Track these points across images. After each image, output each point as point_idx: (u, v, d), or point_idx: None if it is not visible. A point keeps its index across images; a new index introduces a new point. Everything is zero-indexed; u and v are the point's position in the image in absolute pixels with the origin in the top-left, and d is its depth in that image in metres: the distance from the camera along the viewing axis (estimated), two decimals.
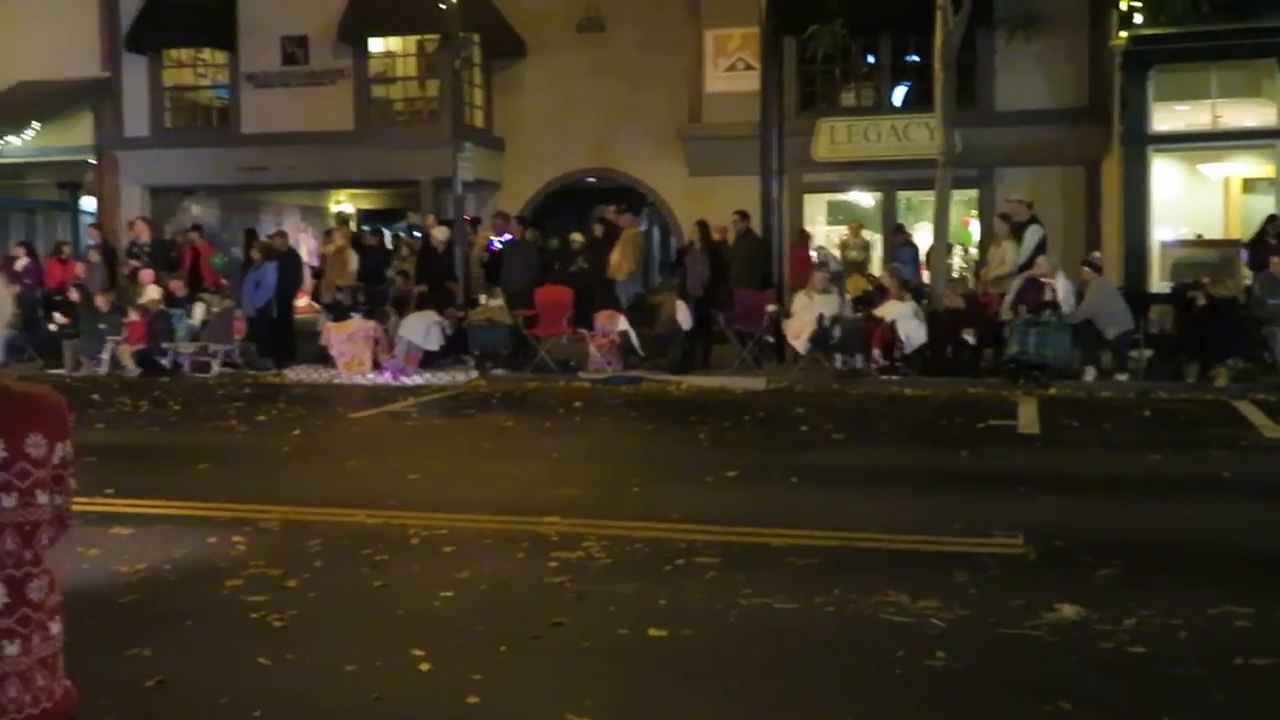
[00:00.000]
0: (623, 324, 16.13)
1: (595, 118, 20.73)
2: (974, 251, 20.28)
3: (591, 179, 21.74)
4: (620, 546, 6.97)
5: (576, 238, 18.36)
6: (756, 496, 8.60)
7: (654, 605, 5.84)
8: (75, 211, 26.13)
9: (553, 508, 7.90)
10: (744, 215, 17.18)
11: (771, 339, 16.22)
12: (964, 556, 6.70)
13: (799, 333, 15.42)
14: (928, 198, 17.70)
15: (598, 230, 18.05)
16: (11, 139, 20.86)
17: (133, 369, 16.75)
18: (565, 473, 9.49)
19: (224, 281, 18.65)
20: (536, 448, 10.81)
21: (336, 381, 15.94)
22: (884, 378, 15.03)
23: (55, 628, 2.27)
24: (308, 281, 19.98)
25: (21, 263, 19.28)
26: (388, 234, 22.75)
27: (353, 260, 18.51)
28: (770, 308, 16.21)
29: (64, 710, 2.28)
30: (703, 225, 17.09)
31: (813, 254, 17.88)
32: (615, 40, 20.77)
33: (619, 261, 17.27)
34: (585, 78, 20.70)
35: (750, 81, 18.89)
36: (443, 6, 17.81)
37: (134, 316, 17.01)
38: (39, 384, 2.33)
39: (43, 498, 2.23)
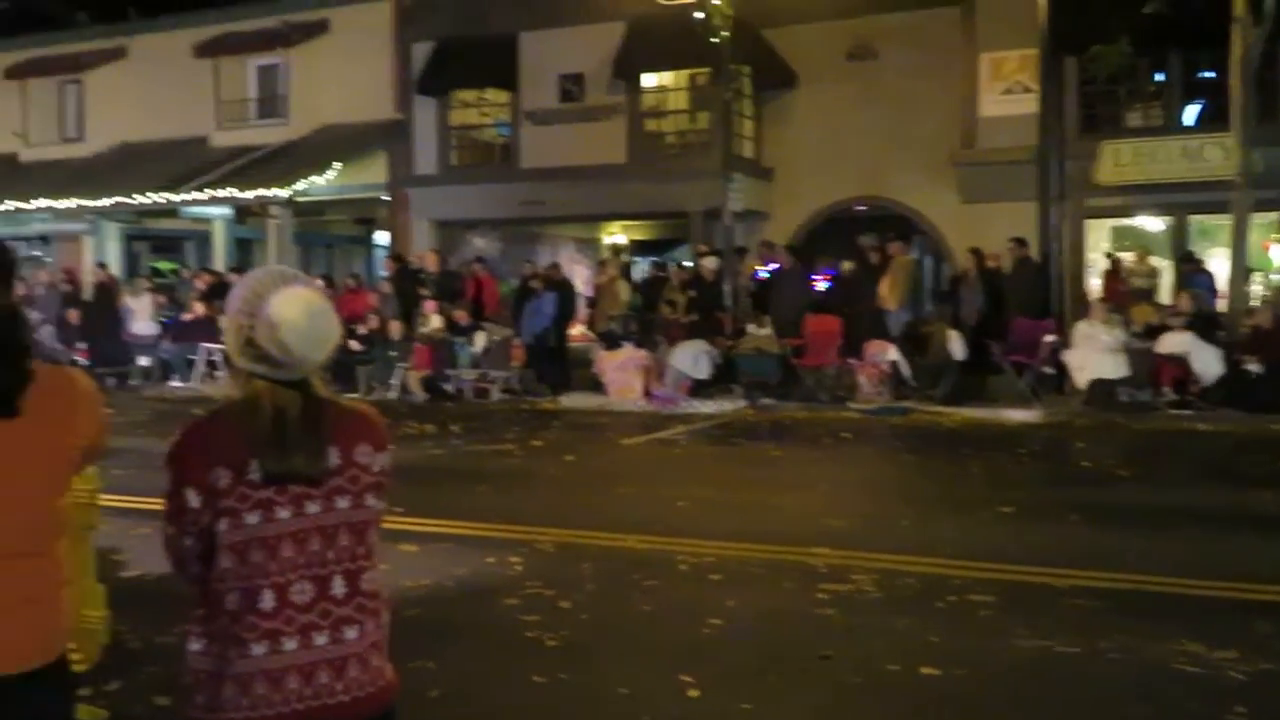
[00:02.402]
0: (893, 354, 15.87)
1: (865, 145, 20.56)
2: (1275, 278, 18.97)
3: (861, 207, 21.54)
4: (890, 580, 6.84)
5: (846, 266, 18.20)
6: (1033, 534, 8.27)
7: (925, 642, 5.70)
8: (370, 245, 27.93)
9: (821, 539, 7.84)
10: (1021, 242, 16.65)
11: (1050, 370, 15.58)
12: (1264, 605, 6.25)
13: (1081, 364, 14.76)
14: (1222, 222, 16.67)
15: (874, 257, 17.80)
16: (315, 179, 22.43)
17: (419, 394, 17.64)
18: (834, 504, 9.40)
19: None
20: (804, 478, 10.75)
21: (608, 408, 16.33)
22: (1174, 412, 14.20)
23: (385, 616, 2.52)
24: (582, 311, 20.57)
25: None
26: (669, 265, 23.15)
27: (624, 290, 18.92)
28: (1048, 338, 15.60)
29: (392, 690, 2.52)
30: (977, 253, 16.69)
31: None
32: (886, 67, 20.56)
33: (890, 290, 17.02)
34: (855, 106, 20.57)
35: (1027, 104, 18.32)
36: (714, 41, 18.08)
37: (420, 344, 17.91)
38: (359, 402, 2.54)
39: (370, 500, 2.48)
